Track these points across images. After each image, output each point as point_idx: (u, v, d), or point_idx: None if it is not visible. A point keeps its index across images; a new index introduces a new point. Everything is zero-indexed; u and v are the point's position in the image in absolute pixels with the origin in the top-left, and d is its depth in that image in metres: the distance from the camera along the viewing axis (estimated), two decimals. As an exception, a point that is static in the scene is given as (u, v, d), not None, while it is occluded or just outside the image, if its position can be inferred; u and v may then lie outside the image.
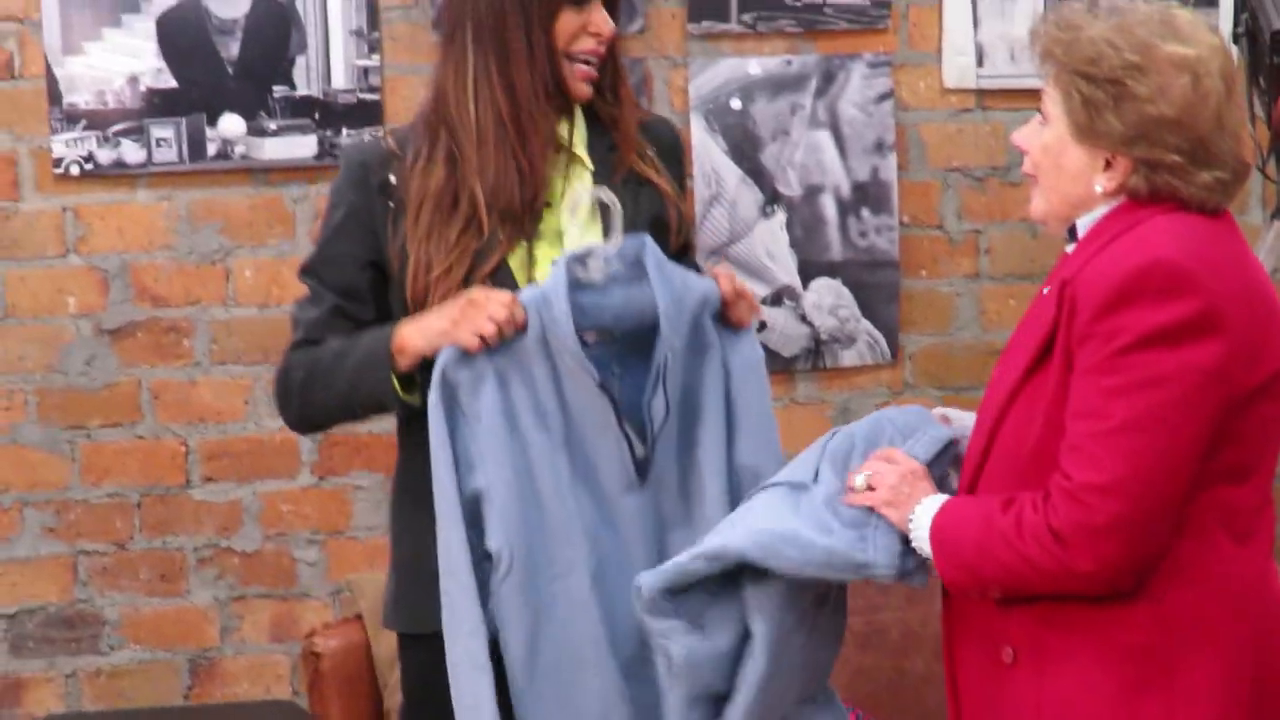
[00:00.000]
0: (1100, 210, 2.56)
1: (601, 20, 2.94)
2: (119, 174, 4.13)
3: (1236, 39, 3.93)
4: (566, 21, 2.92)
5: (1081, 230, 2.58)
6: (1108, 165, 2.54)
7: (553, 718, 2.89)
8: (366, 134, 3.75)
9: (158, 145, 4.11)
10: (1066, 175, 2.58)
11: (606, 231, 2.89)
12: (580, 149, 3.00)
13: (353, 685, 3.89)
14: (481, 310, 2.80)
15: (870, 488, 2.68)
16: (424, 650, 2.98)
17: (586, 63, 2.95)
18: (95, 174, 4.12)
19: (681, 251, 3.05)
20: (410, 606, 3.01)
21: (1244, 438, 2.50)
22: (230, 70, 4.11)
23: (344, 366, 2.93)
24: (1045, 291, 2.59)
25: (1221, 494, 2.51)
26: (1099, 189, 2.55)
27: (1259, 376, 2.49)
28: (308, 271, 3.02)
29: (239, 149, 4.13)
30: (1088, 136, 2.53)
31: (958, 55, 4.27)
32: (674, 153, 3.12)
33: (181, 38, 4.09)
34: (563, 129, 2.98)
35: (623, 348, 2.88)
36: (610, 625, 2.87)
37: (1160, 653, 2.50)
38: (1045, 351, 2.54)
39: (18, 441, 4.20)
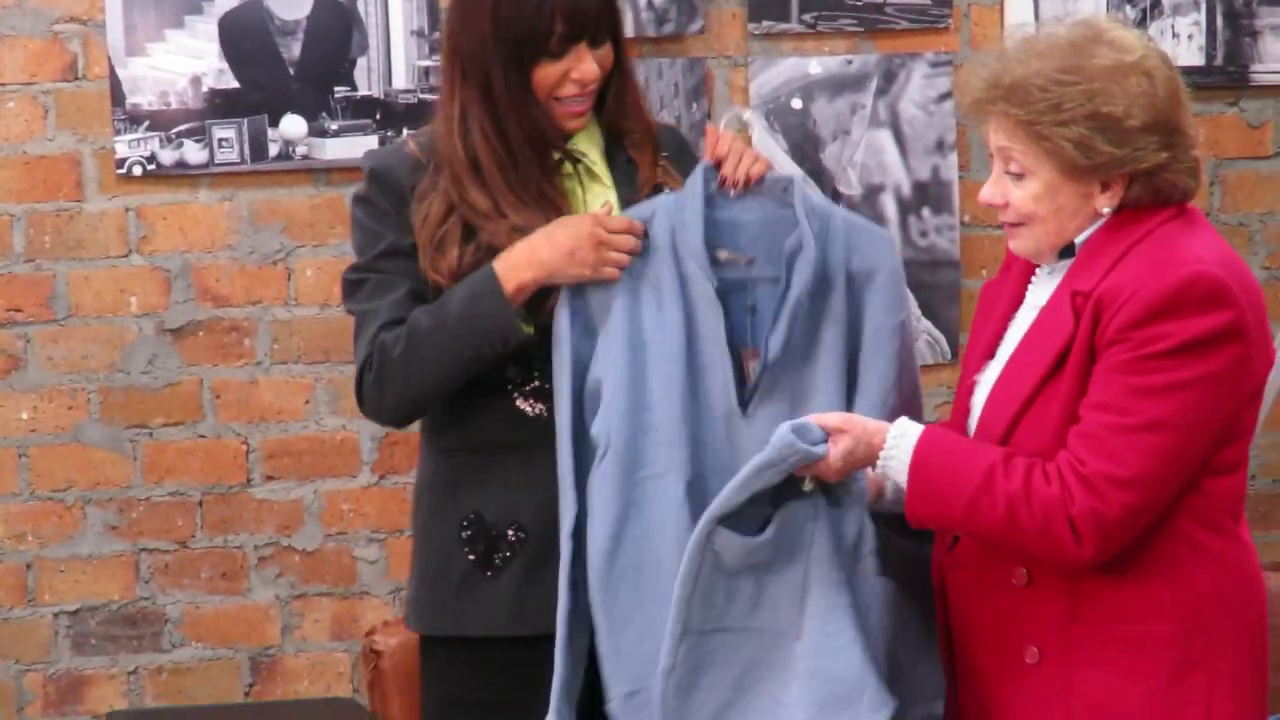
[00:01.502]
0: (1096, 224, 2.59)
1: (586, 69, 2.88)
2: (181, 174, 4.15)
3: None
4: (545, 74, 2.88)
5: (1078, 245, 2.60)
6: (1105, 187, 2.56)
7: (624, 613, 2.89)
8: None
9: (220, 146, 4.13)
10: (1066, 213, 2.59)
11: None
12: (598, 163, 2.98)
13: (412, 683, 3.87)
14: (609, 246, 2.85)
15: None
16: (444, 652, 3.00)
17: (575, 100, 2.92)
18: (158, 174, 4.14)
19: None
20: (431, 609, 3.02)
21: (1243, 432, 2.58)
22: (292, 71, 4.12)
23: (448, 317, 2.87)
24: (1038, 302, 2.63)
25: (1226, 485, 2.58)
26: (1106, 210, 2.57)
27: (1260, 375, 2.57)
28: (365, 268, 2.99)
29: (300, 149, 4.15)
30: (1085, 173, 2.55)
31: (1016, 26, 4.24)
32: (685, 154, 3.10)
33: (243, 39, 4.10)
34: (581, 143, 2.96)
35: (754, 275, 2.91)
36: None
37: (1195, 637, 2.56)
38: (1059, 363, 2.55)
39: (81, 440, 4.23)
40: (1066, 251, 2.61)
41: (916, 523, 2.63)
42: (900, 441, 2.62)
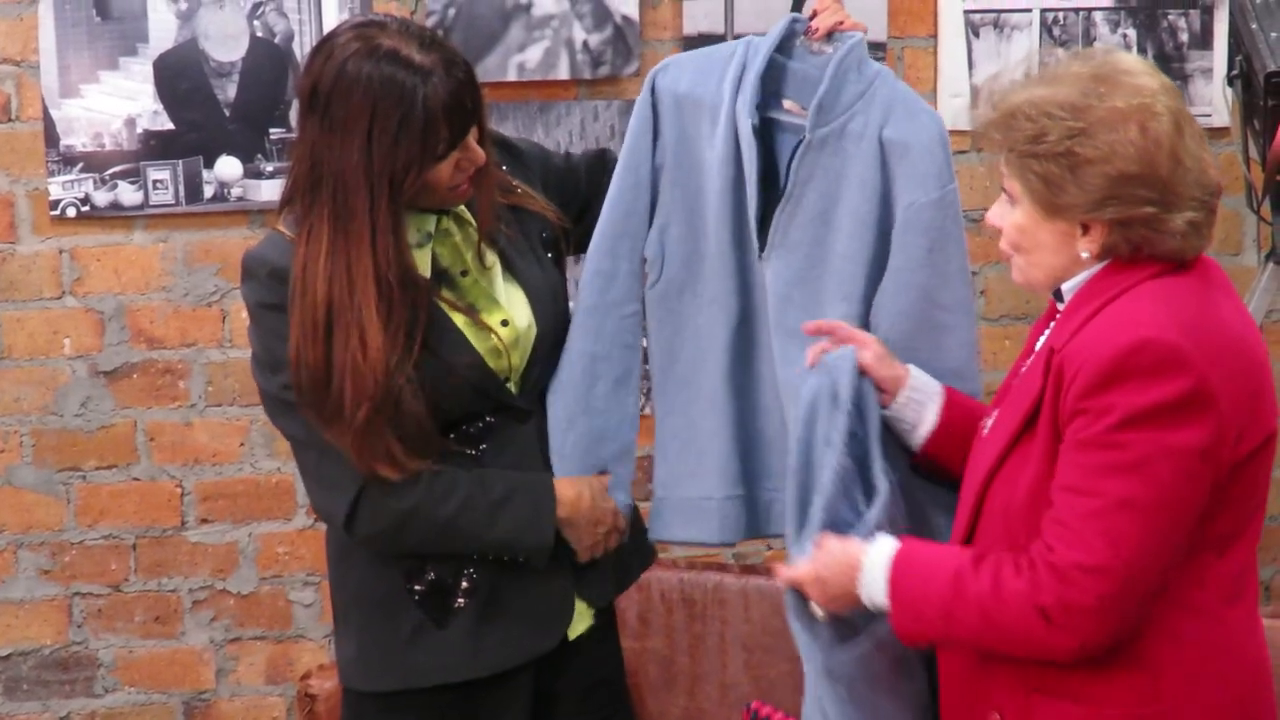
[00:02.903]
0: (1084, 274, 2.53)
1: (475, 156, 2.83)
2: (115, 216, 4.14)
3: (1231, 81, 3.95)
4: (435, 175, 2.80)
5: (1067, 294, 2.55)
6: (1085, 230, 2.50)
7: (673, 426, 3.08)
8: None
9: (155, 187, 4.12)
10: (1047, 249, 2.54)
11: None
12: (463, 209, 2.94)
13: (348, 727, 3.87)
14: (613, 539, 3.02)
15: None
16: (384, 705, 2.98)
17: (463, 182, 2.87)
18: (92, 216, 4.13)
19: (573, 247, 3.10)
20: (381, 666, 2.97)
21: (1231, 505, 2.48)
22: (227, 112, 4.12)
23: (497, 521, 2.89)
24: (1037, 348, 2.58)
25: (1210, 561, 2.49)
26: (1085, 255, 2.51)
27: (1248, 445, 2.47)
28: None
29: (235, 191, 4.14)
30: (1056, 211, 2.50)
31: (953, 97, 4.27)
32: (532, 158, 3.09)
33: (179, 80, 4.09)
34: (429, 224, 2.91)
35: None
36: (737, 376, 3.02)
37: None
38: (1031, 419, 2.52)
39: (13, 483, 4.20)
40: (1059, 295, 2.57)
41: (910, 643, 2.58)
42: (875, 565, 2.57)
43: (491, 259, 2.95)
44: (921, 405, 2.82)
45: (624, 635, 3.27)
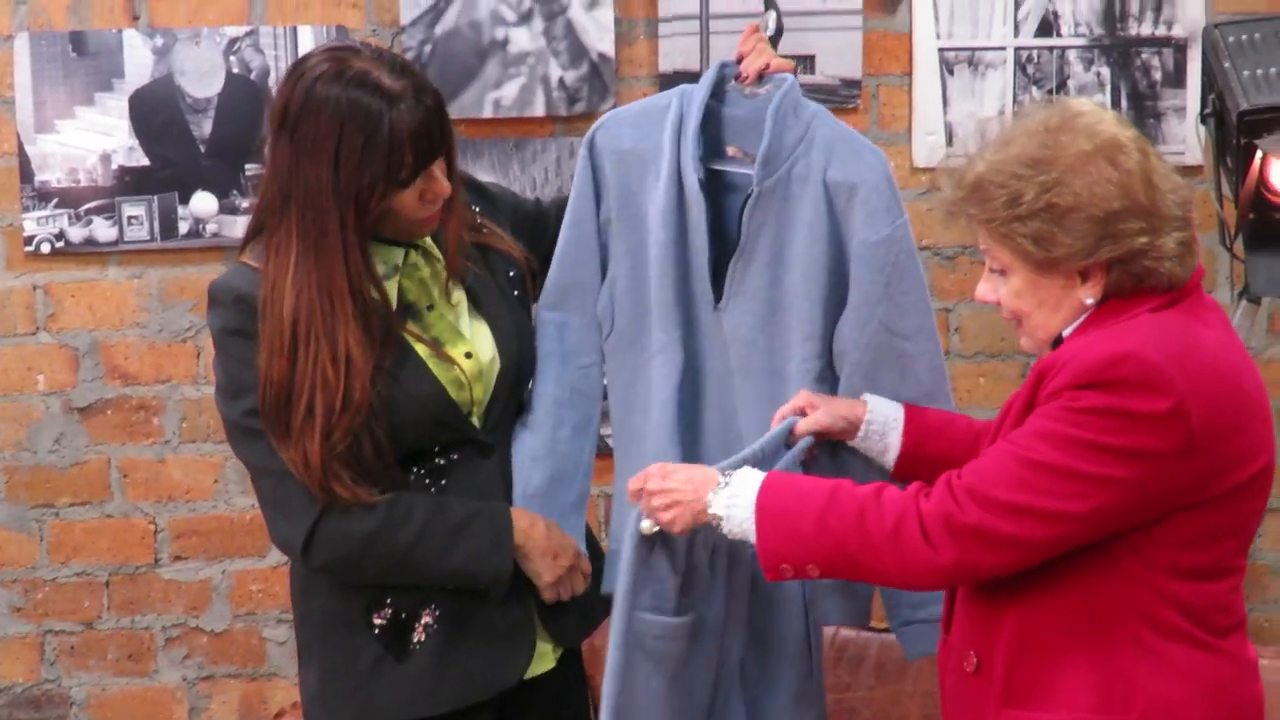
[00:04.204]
0: (1084, 316, 2.53)
1: (440, 187, 2.84)
2: (90, 252, 4.13)
3: (1204, 119, 3.96)
4: (400, 202, 2.81)
5: (1067, 334, 2.55)
6: (1084, 278, 2.50)
7: (621, 473, 3.08)
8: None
9: (129, 223, 4.11)
10: (1049, 307, 2.54)
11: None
12: (431, 245, 2.95)
13: (322, 766, 3.86)
14: (575, 576, 3.01)
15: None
16: None
17: (430, 214, 2.87)
18: (67, 252, 4.12)
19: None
20: (339, 701, 2.96)
21: (1222, 538, 2.49)
22: (202, 149, 4.11)
23: (456, 552, 2.89)
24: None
25: (1199, 593, 2.49)
26: (1089, 301, 2.52)
27: (1237, 477, 2.47)
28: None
29: (211, 227, 4.13)
30: (1053, 266, 2.50)
31: (927, 135, 4.29)
32: (503, 201, 3.12)
33: (154, 116, 4.09)
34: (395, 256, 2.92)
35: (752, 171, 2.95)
36: (682, 430, 3.02)
37: None
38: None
39: (-14, 520, 4.19)
40: (1058, 342, 2.56)
41: (770, 563, 2.58)
42: (742, 479, 2.63)
43: (458, 295, 2.96)
44: (883, 434, 2.89)
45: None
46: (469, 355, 2.92)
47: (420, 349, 2.89)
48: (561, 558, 2.97)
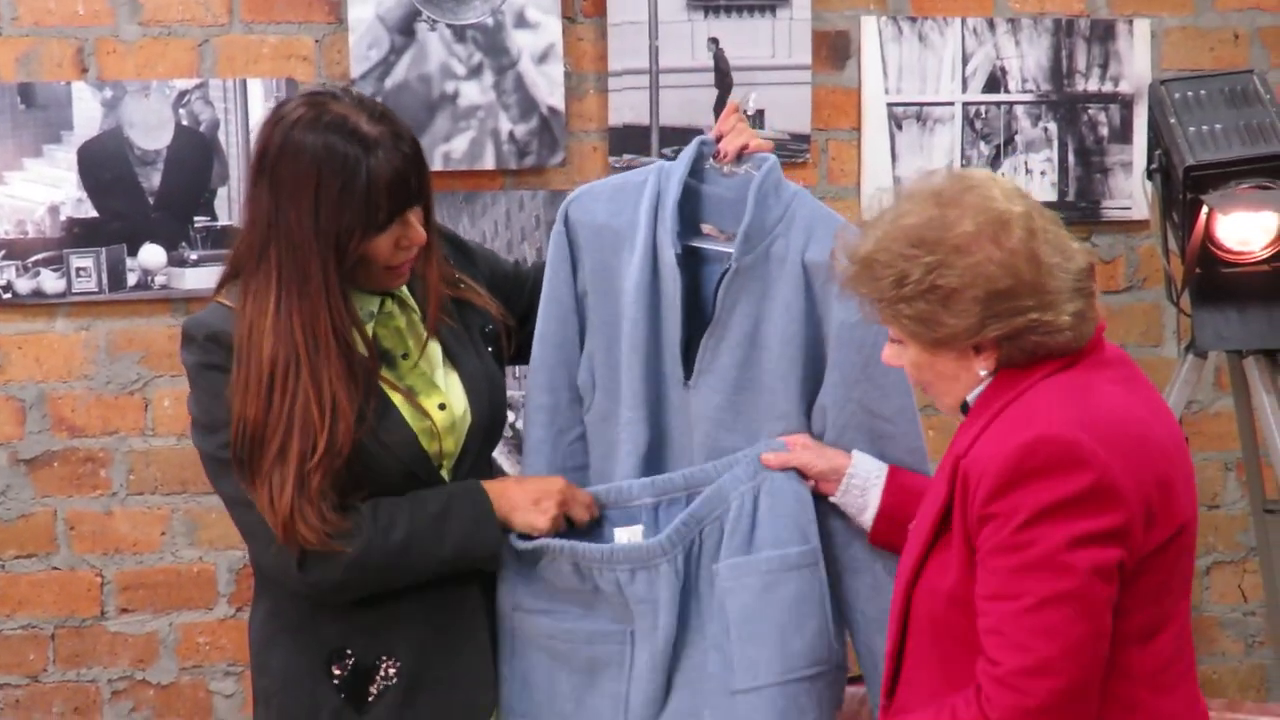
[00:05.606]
0: (985, 383, 2.54)
1: (415, 234, 2.85)
2: (38, 303, 4.12)
3: (1150, 175, 3.99)
4: (375, 248, 2.82)
5: (971, 402, 2.56)
6: (977, 351, 2.51)
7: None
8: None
9: (78, 275, 4.10)
10: (947, 378, 2.56)
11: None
12: (407, 296, 2.97)
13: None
14: (570, 505, 2.98)
15: None
16: None
17: (404, 263, 2.89)
18: (14, 303, 4.11)
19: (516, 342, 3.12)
20: None
21: (1155, 595, 2.48)
22: (151, 201, 4.11)
23: (445, 540, 2.89)
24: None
25: (1139, 653, 2.49)
26: (984, 372, 2.53)
27: (1161, 534, 2.47)
28: None
29: (159, 279, 4.12)
30: (941, 344, 2.51)
31: (876, 190, 4.30)
32: (481, 259, 3.14)
33: (103, 168, 4.08)
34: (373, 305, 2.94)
35: (729, 250, 2.95)
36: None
37: None
38: (942, 527, 2.53)
39: (-70, 573, 4.16)
40: (965, 407, 2.58)
41: None
42: None
43: (433, 346, 2.96)
44: (864, 490, 2.90)
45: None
46: (443, 406, 2.93)
47: (395, 397, 2.89)
48: (545, 500, 2.95)
